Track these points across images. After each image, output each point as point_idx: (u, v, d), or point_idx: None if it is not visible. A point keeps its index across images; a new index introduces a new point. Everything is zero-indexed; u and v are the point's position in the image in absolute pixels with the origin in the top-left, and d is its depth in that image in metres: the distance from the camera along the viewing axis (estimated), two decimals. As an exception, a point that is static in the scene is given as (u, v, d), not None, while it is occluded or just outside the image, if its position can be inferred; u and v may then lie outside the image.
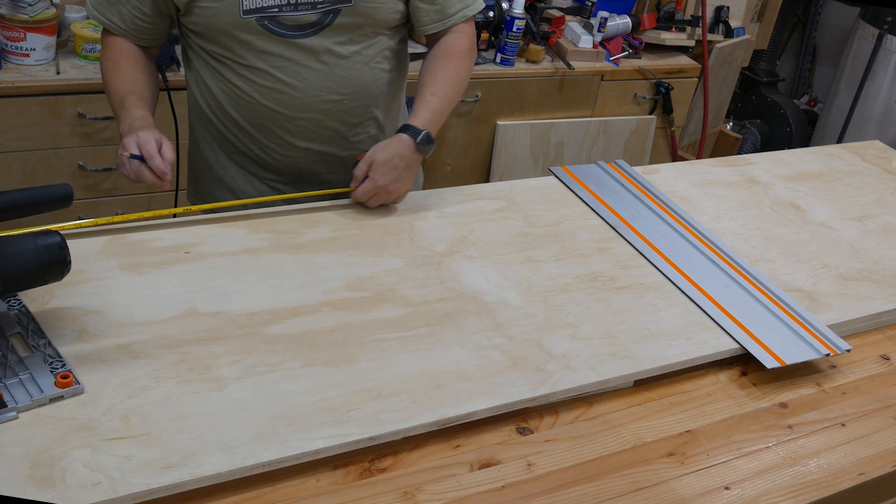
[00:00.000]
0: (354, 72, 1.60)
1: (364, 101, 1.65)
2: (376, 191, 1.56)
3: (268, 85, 1.57)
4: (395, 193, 1.58)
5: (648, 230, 1.67)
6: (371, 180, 1.55)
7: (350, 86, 1.61)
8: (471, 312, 1.37)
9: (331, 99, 1.60)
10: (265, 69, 1.56)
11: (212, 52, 1.58)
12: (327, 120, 1.63)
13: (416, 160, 1.59)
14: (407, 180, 1.59)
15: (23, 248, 1.08)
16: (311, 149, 1.66)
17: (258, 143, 1.65)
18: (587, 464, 1.19)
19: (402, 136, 1.57)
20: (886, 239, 1.81)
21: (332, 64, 1.58)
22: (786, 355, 1.40)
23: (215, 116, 1.65)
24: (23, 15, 2.22)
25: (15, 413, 1.05)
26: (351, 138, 1.68)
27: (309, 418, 1.12)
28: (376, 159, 1.55)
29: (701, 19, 3.37)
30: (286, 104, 1.59)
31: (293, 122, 1.61)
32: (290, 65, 1.56)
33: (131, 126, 1.47)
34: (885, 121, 3.90)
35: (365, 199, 1.57)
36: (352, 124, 1.66)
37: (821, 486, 1.22)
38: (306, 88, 1.58)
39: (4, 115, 2.22)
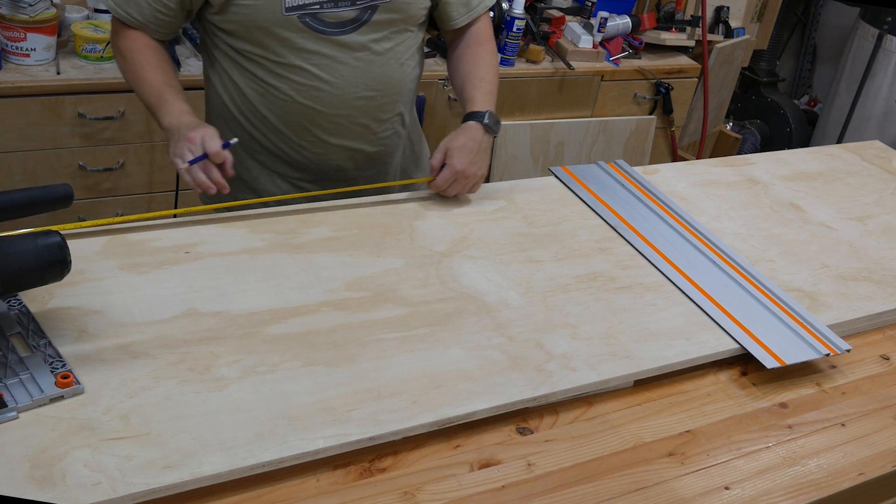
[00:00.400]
0: (388, 68, 1.63)
1: (394, 98, 1.68)
2: (455, 176, 1.61)
3: (305, 83, 1.58)
4: (473, 178, 1.63)
5: (648, 230, 1.67)
6: (449, 167, 1.60)
7: (383, 82, 1.63)
8: (471, 312, 1.37)
9: (365, 95, 1.62)
10: (303, 66, 1.56)
11: (244, 51, 1.57)
12: (360, 116, 1.64)
13: (488, 142, 1.64)
14: (483, 164, 1.64)
15: (23, 248, 1.08)
16: (343, 145, 1.67)
17: (289, 141, 1.65)
18: (587, 464, 1.19)
19: (470, 123, 1.63)
20: (886, 239, 1.81)
21: (367, 60, 1.60)
22: (786, 355, 1.40)
23: (242, 116, 1.65)
24: (23, 15, 2.22)
25: (15, 413, 1.05)
26: (379, 134, 1.70)
27: (309, 418, 1.12)
28: (451, 146, 1.60)
29: (701, 19, 3.37)
30: (323, 101, 1.60)
31: (328, 119, 1.62)
32: (329, 62, 1.57)
33: (180, 121, 1.49)
34: (885, 121, 3.90)
35: (445, 186, 1.62)
36: (382, 120, 1.69)
37: (821, 486, 1.23)
38: (343, 85, 1.59)
39: (4, 115, 2.22)
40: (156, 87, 1.55)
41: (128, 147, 2.41)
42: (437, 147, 1.62)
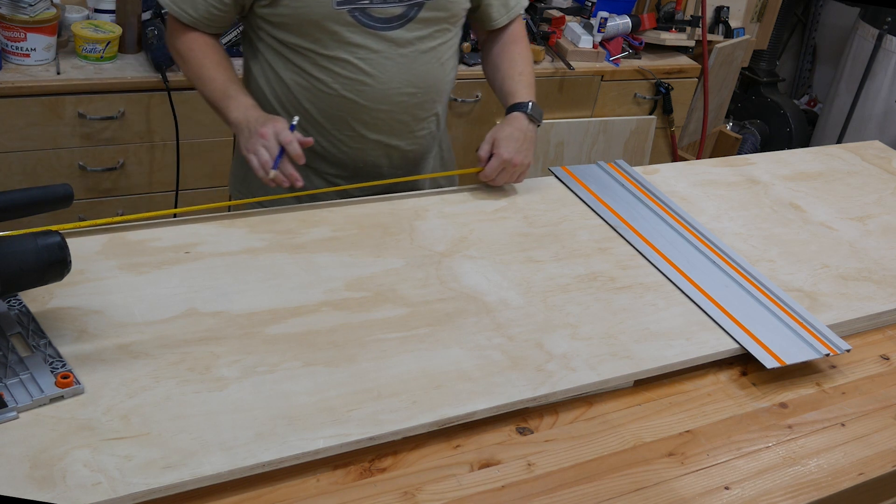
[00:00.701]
0: (429, 66, 1.66)
1: (433, 96, 1.71)
2: (503, 165, 1.65)
3: (350, 76, 1.60)
4: (520, 166, 1.67)
5: (648, 230, 1.67)
6: (497, 156, 1.65)
7: (424, 80, 1.67)
8: (471, 312, 1.37)
9: (407, 91, 1.65)
10: (350, 60, 1.59)
11: (290, 44, 1.60)
12: (400, 113, 1.67)
13: (533, 131, 1.69)
14: (529, 152, 1.68)
15: (23, 248, 1.08)
16: (381, 141, 1.69)
17: (328, 135, 1.67)
18: (587, 464, 1.19)
19: (515, 113, 1.69)
20: (886, 239, 1.81)
21: (411, 57, 1.63)
22: (786, 355, 1.40)
23: (283, 109, 1.66)
24: (23, 15, 2.22)
25: (15, 413, 1.05)
26: (416, 132, 1.73)
27: (309, 418, 1.12)
28: (498, 136, 1.65)
29: (701, 19, 3.37)
30: (366, 95, 1.62)
31: (369, 114, 1.65)
32: (375, 56, 1.60)
33: (248, 115, 1.53)
34: (885, 121, 3.90)
35: (493, 175, 1.66)
36: (420, 119, 1.72)
37: (821, 486, 1.23)
38: (387, 80, 1.62)
39: (4, 115, 2.22)
40: (219, 84, 1.59)
41: (128, 147, 2.41)
42: (484, 139, 1.67)
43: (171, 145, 2.44)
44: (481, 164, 1.68)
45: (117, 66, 2.38)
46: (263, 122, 1.51)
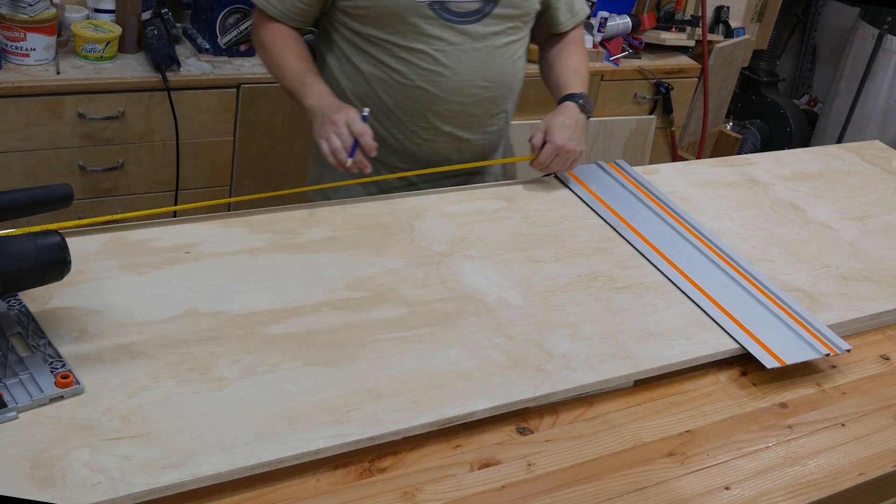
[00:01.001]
0: (502, 62, 1.73)
1: (504, 93, 1.77)
2: (557, 152, 1.70)
3: (427, 67, 1.66)
4: (573, 153, 1.71)
5: (648, 230, 1.67)
6: (550, 143, 1.69)
7: (497, 75, 1.73)
8: (471, 312, 1.37)
9: (480, 85, 1.71)
10: (427, 51, 1.65)
11: (369, 36, 1.66)
12: (472, 106, 1.73)
13: (584, 121, 1.74)
14: (581, 140, 1.73)
15: (23, 248, 1.08)
16: (453, 133, 1.74)
17: (402, 126, 1.73)
18: (587, 464, 1.19)
19: (566, 103, 1.74)
20: (886, 239, 1.81)
21: (485, 52, 1.69)
22: (786, 355, 1.40)
23: (359, 101, 1.71)
24: (23, 15, 2.22)
25: (15, 413, 1.05)
26: (487, 127, 1.79)
27: (309, 418, 1.12)
28: (551, 124, 1.70)
29: (701, 19, 3.37)
30: (441, 86, 1.68)
31: (443, 105, 1.70)
32: (451, 49, 1.66)
33: (322, 101, 1.59)
34: (885, 121, 3.90)
35: (547, 162, 1.71)
36: (491, 113, 1.78)
37: (821, 486, 1.23)
38: (462, 72, 1.68)
39: (4, 115, 2.22)
40: (297, 72, 1.65)
41: (128, 147, 2.41)
42: (537, 127, 1.71)
43: (171, 145, 2.44)
44: (534, 152, 1.72)
45: (117, 65, 2.38)
46: (336, 109, 1.56)
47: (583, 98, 1.75)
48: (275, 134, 2.58)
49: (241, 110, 2.49)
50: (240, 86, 2.45)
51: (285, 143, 2.61)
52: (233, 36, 2.49)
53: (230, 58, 2.51)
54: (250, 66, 2.50)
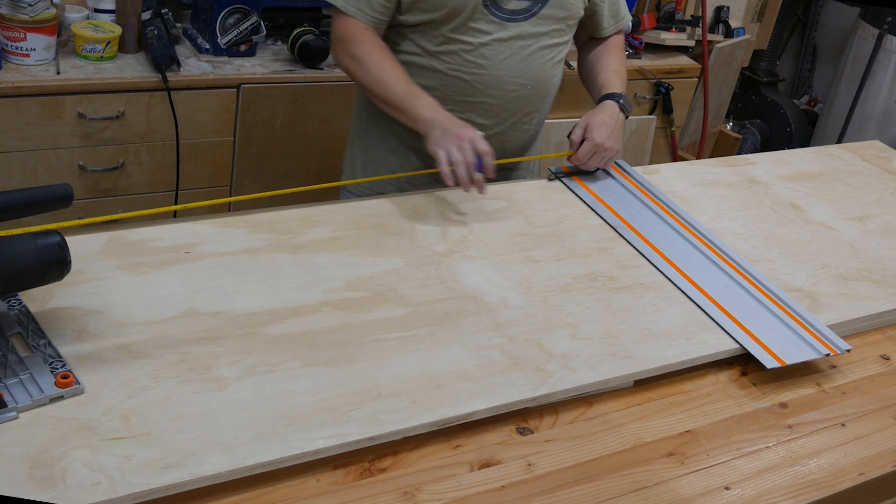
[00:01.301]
0: (542, 64, 1.77)
1: (540, 93, 1.81)
2: (595, 149, 1.74)
3: (469, 59, 1.71)
4: (611, 151, 1.76)
5: (648, 230, 1.67)
6: (589, 140, 1.74)
7: (535, 76, 1.77)
8: (471, 312, 1.37)
9: (518, 83, 1.76)
10: (472, 43, 1.70)
11: (414, 23, 1.70)
12: (508, 102, 1.77)
13: (622, 121, 1.79)
14: (619, 138, 1.78)
15: (23, 248, 1.08)
16: (485, 126, 1.77)
17: None
18: (587, 464, 1.19)
19: (607, 101, 1.79)
20: (886, 239, 1.81)
21: (528, 51, 1.74)
22: (786, 355, 1.40)
23: None
24: (23, 15, 2.22)
25: (15, 413, 1.05)
26: (520, 125, 1.83)
27: (309, 418, 1.12)
28: (591, 121, 1.75)
29: (701, 19, 3.37)
30: (481, 79, 1.73)
31: (479, 98, 1.75)
32: (496, 44, 1.71)
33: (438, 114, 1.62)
34: (885, 121, 3.90)
35: (585, 159, 1.76)
36: (526, 112, 1.82)
37: (821, 486, 1.23)
38: (502, 68, 1.72)
39: (4, 115, 2.22)
40: (403, 86, 1.67)
41: (128, 147, 2.41)
42: (577, 124, 1.75)
43: (171, 145, 2.44)
44: (573, 149, 1.76)
45: (117, 66, 2.37)
46: (460, 125, 1.60)
47: (622, 98, 1.79)
48: (275, 134, 2.58)
49: (241, 110, 2.49)
50: (240, 86, 2.45)
51: (285, 143, 2.61)
52: (233, 36, 2.49)
53: (230, 58, 2.51)
54: (250, 66, 2.50)
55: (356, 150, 1.92)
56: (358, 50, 1.69)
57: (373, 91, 1.71)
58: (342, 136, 2.67)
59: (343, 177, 1.96)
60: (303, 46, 2.51)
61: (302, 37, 2.52)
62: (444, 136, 1.58)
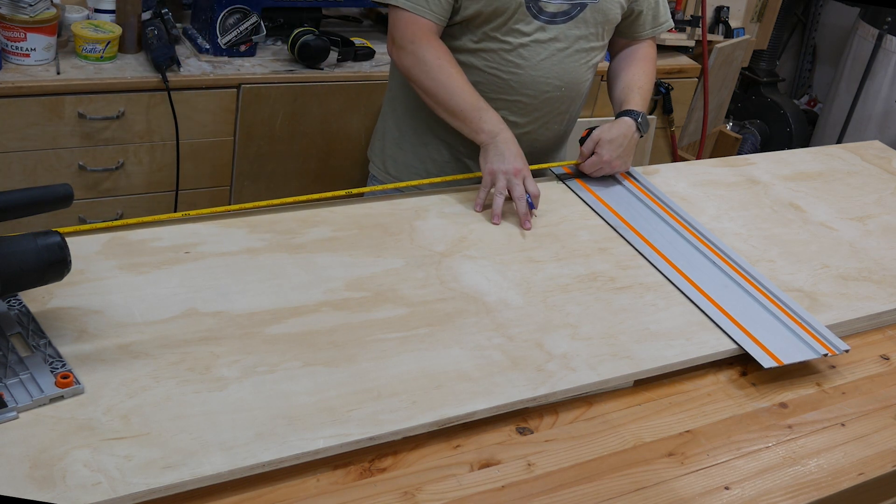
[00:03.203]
0: (577, 66, 1.80)
1: (573, 95, 1.84)
2: (601, 165, 1.77)
3: (506, 58, 1.74)
4: (617, 168, 1.79)
5: (648, 230, 1.67)
6: (598, 155, 1.76)
7: (570, 78, 1.80)
8: (471, 312, 1.37)
9: (553, 84, 1.78)
10: (511, 42, 1.72)
11: (456, 21, 1.71)
12: (542, 103, 1.80)
13: (636, 140, 1.80)
14: (628, 159, 1.80)
15: (23, 248, 1.08)
16: (518, 124, 1.80)
17: None
18: (587, 464, 1.19)
19: (625, 119, 1.79)
20: (886, 239, 1.81)
21: (565, 53, 1.76)
22: (783, 355, 1.40)
23: None
24: (23, 15, 2.22)
25: (15, 413, 1.05)
26: (551, 125, 1.87)
27: (309, 418, 1.12)
28: (603, 137, 1.76)
29: (701, 19, 3.37)
30: (517, 78, 1.75)
31: (513, 96, 1.78)
32: (535, 45, 1.73)
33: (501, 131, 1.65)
34: (885, 121, 3.90)
35: (590, 171, 1.79)
36: (558, 112, 1.85)
37: (821, 486, 1.23)
38: (539, 68, 1.75)
39: (4, 115, 2.22)
40: (468, 96, 1.68)
41: (128, 147, 2.41)
42: (591, 134, 1.77)
43: (171, 145, 2.44)
44: (581, 158, 1.79)
45: (117, 66, 2.37)
46: (519, 157, 1.63)
47: (641, 117, 1.79)
48: (275, 134, 2.58)
49: (241, 110, 2.49)
50: (240, 86, 2.45)
51: (285, 143, 2.61)
52: (233, 36, 2.49)
53: (230, 58, 2.51)
54: (250, 67, 2.50)
55: (388, 139, 1.93)
56: (424, 52, 1.68)
57: (436, 96, 1.69)
58: (342, 136, 2.68)
59: (371, 165, 1.99)
60: (303, 46, 2.51)
61: (302, 37, 2.52)
62: (502, 162, 1.62)
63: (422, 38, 1.68)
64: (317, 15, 2.68)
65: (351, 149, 2.70)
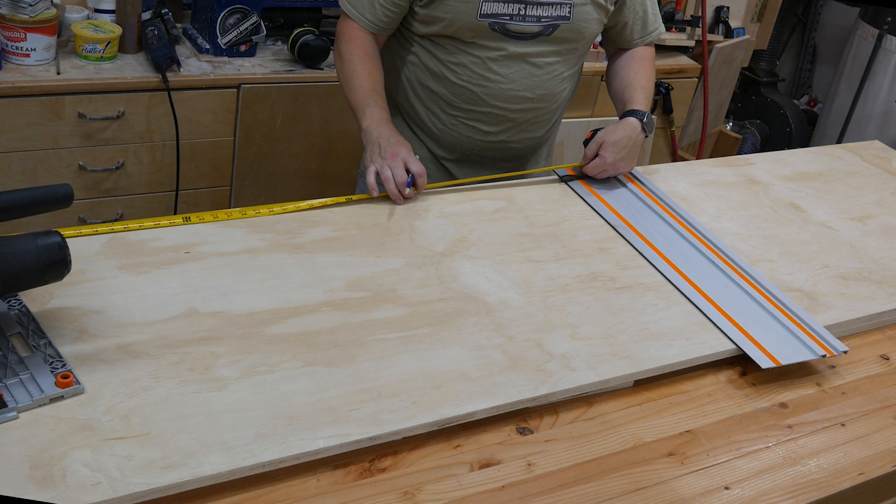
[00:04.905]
0: (551, 80, 1.79)
1: (548, 106, 1.84)
2: (605, 167, 1.76)
3: (478, 71, 1.75)
4: (620, 170, 1.79)
5: (649, 230, 1.67)
6: (601, 158, 1.75)
7: (544, 91, 1.80)
8: (471, 312, 1.37)
9: (526, 97, 1.79)
10: (482, 57, 1.73)
11: (431, 35, 1.73)
12: (515, 113, 1.81)
13: (641, 140, 1.78)
14: (632, 160, 1.79)
15: (23, 248, 1.08)
16: (493, 133, 1.83)
17: (446, 116, 1.81)
18: (587, 464, 1.19)
19: (630, 119, 1.77)
20: (886, 239, 1.81)
21: (538, 67, 1.76)
22: (782, 356, 1.40)
23: (410, 86, 1.82)
24: (23, 15, 2.22)
25: (15, 413, 1.05)
26: (526, 133, 1.86)
27: (309, 418, 1.12)
28: (607, 139, 1.75)
29: (701, 19, 3.37)
30: (488, 91, 1.76)
31: (487, 108, 1.79)
32: (505, 60, 1.74)
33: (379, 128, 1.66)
34: (885, 121, 3.90)
35: (593, 173, 1.78)
36: (534, 122, 1.85)
37: (821, 486, 1.23)
38: (511, 82, 1.76)
39: (4, 115, 2.22)
40: (362, 92, 1.72)
41: (128, 147, 2.41)
42: (595, 136, 1.76)
43: (171, 145, 2.44)
44: (584, 160, 1.78)
45: (117, 66, 2.37)
46: (395, 144, 1.63)
47: (646, 116, 1.78)
48: (275, 134, 2.58)
49: (241, 110, 2.49)
50: (240, 86, 2.45)
51: (285, 143, 2.61)
52: (233, 36, 2.49)
53: (230, 58, 2.51)
54: (250, 67, 2.50)
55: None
56: (344, 46, 1.75)
57: (343, 88, 1.76)
58: (342, 137, 2.68)
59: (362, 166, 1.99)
60: (303, 46, 2.51)
61: (302, 37, 2.52)
62: (378, 153, 1.63)
63: (348, 34, 1.75)
64: (317, 15, 2.68)
65: (351, 149, 2.69)
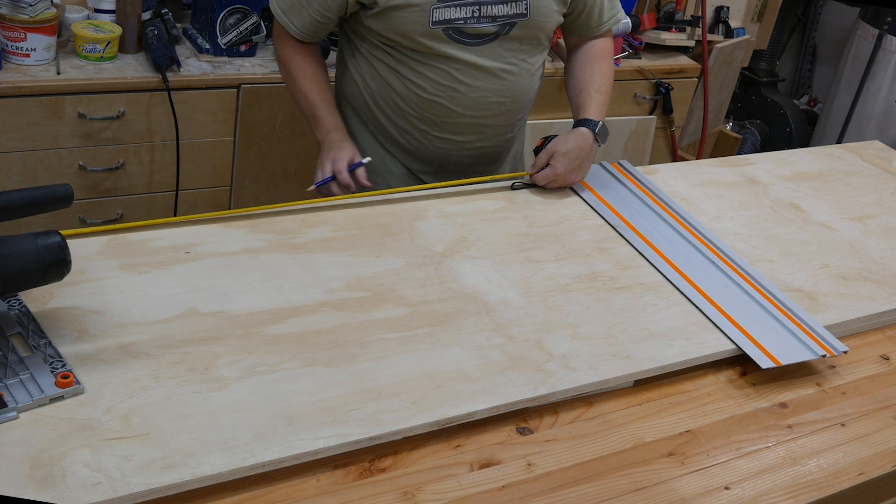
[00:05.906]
0: (518, 78, 1.75)
1: (520, 105, 1.81)
2: (555, 178, 1.72)
3: (444, 83, 1.70)
4: (571, 181, 1.75)
5: (649, 230, 1.67)
6: (552, 168, 1.71)
7: (513, 91, 1.75)
8: (471, 312, 1.37)
9: (496, 101, 1.75)
10: (445, 69, 1.68)
11: (390, 48, 1.69)
12: (487, 118, 1.77)
13: (594, 150, 1.75)
14: (584, 170, 1.76)
15: (23, 248, 1.08)
16: (466, 142, 1.79)
17: (420, 133, 1.77)
18: (587, 464, 1.19)
19: (582, 130, 1.74)
20: (886, 239, 1.81)
21: (501, 69, 1.71)
22: (782, 356, 1.40)
23: (376, 105, 1.77)
24: (23, 15, 2.22)
25: (15, 413, 1.05)
26: (502, 136, 1.84)
27: (309, 418, 1.12)
28: (558, 150, 1.71)
29: (701, 19, 3.36)
30: (458, 102, 1.72)
31: (458, 118, 1.75)
32: (467, 67, 1.69)
33: (326, 138, 1.71)
34: (885, 121, 3.90)
35: (543, 183, 1.74)
36: (506, 123, 1.81)
37: (821, 486, 1.23)
38: (478, 88, 1.71)
39: (4, 115, 2.22)
40: (309, 100, 1.74)
41: (128, 147, 2.41)
42: (545, 147, 1.73)
43: (171, 145, 2.44)
44: (534, 169, 1.74)
45: (117, 66, 2.37)
46: (329, 148, 1.69)
47: (598, 126, 1.74)
48: (275, 134, 2.58)
49: (241, 110, 2.49)
50: (240, 86, 2.45)
51: (285, 143, 2.61)
52: (233, 36, 2.49)
53: (230, 58, 2.51)
54: (250, 67, 2.50)
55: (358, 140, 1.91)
56: (283, 53, 1.77)
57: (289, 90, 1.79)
58: (342, 136, 2.67)
59: None
60: (303, 46, 2.51)
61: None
62: (320, 157, 1.70)
63: (283, 39, 1.76)
64: (317, 15, 2.67)
65: (351, 149, 2.69)
